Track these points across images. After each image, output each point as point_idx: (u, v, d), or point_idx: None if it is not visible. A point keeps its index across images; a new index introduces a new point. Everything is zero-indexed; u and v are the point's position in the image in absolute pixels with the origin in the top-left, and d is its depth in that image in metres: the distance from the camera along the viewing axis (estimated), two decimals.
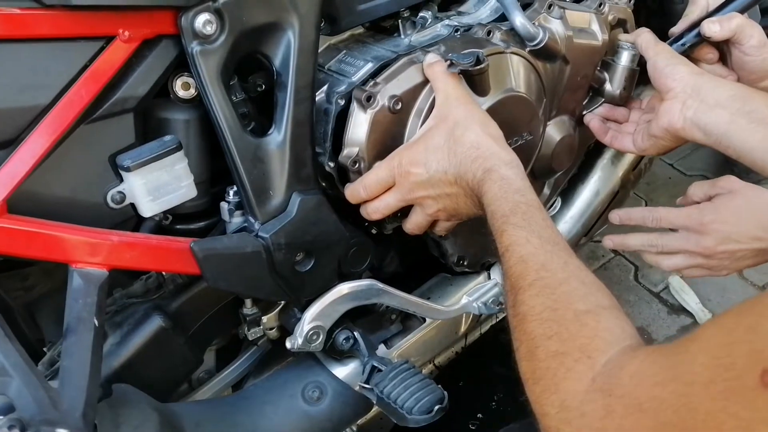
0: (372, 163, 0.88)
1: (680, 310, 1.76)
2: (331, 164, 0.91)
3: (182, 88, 0.84)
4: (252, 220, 0.87)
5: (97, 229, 0.76)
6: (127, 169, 0.77)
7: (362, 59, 0.92)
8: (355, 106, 0.86)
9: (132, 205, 0.81)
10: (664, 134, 0.96)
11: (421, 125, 0.89)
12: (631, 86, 1.07)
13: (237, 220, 0.89)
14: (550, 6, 0.97)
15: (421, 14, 0.96)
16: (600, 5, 1.03)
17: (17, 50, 0.70)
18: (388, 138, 0.89)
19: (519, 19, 0.93)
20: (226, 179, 0.89)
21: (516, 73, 0.94)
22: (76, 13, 0.72)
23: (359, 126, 0.87)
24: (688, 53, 1.05)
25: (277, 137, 0.85)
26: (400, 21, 0.96)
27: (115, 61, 0.76)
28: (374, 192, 0.88)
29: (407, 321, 1.10)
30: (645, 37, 1.00)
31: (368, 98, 0.85)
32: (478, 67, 0.84)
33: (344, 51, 0.95)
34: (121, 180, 0.80)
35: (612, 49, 1.05)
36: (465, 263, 1.07)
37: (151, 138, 0.83)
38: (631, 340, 0.59)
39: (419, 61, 0.89)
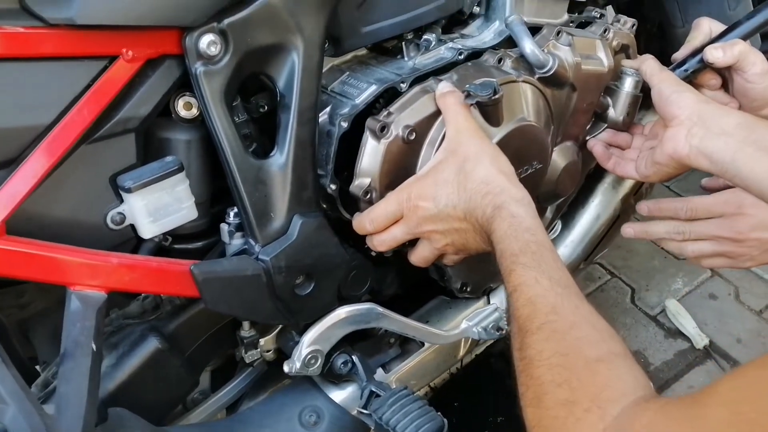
0: (384, 193, 0.87)
1: (677, 334, 1.75)
2: (333, 186, 0.91)
3: (184, 108, 0.83)
4: (252, 242, 0.86)
5: (97, 251, 0.75)
6: (128, 190, 0.76)
7: (365, 81, 0.92)
8: (368, 135, 0.85)
9: (132, 226, 0.80)
10: (669, 161, 0.95)
11: (434, 156, 0.88)
12: (634, 112, 1.07)
13: (237, 241, 0.88)
14: (558, 33, 0.97)
15: (425, 37, 0.96)
16: (605, 31, 1.03)
17: (20, 69, 0.70)
18: (401, 168, 0.88)
19: (529, 46, 0.93)
20: (226, 199, 0.89)
21: (527, 102, 0.93)
22: (79, 32, 0.71)
23: (372, 156, 0.86)
24: (691, 79, 1.05)
25: (280, 159, 0.85)
26: (403, 43, 0.96)
27: (118, 81, 0.75)
28: (381, 225, 0.87)
29: (406, 344, 1.09)
30: (649, 64, 1.00)
31: (382, 128, 0.84)
32: (494, 98, 0.84)
33: (347, 72, 0.94)
34: (122, 201, 0.79)
35: (615, 74, 1.05)
36: (467, 290, 1.06)
37: (152, 158, 0.82)
38: (644, 390, 0.57)
39: (432, 90, 0.88)
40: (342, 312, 0.94)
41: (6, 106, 0.69)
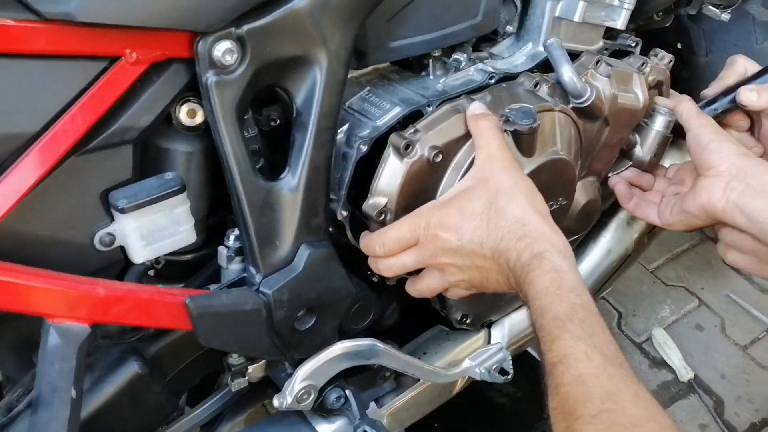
0: (399, 215, 0.79)
1: (662, 364, 1.72)
2: (345, 213, 0.83)
3: (187, 115, 0.74)
4: (253, 270, 0.78)
5: (81, 279, 0.66)
6: (121, 211, 0.68)
7: (388, 101, 0.84)
8: (390, 152, 0.77)
9: (121, 247, 0.71)
10: (700, 212, 0.90)
11: (459, 182, 0.80)
12: (662, 153, 1.01)
13: (235, 267, 0.80)
14: (597, 62, 0.90)
15: (454, 56, 0.88)
16: (643, 64, 0.96)
17: (8, 67, 0.60)
18: (421, 191, 0.80)
19: (568, 74, 0.85)
20: (223, 209, 0.81)
21: (561, 134, 0.86)
22: (78, 29, 0.62)
23: (392, 175, 0.78)
24: (720, 119, 1.00)
25: (291, 182, 0.77)
26: (431, 60, 0.88)
27: (118, 86, 0.66)
28: (392, 251, 0.79)
29: (401, 377, 1.02)
30: (687, 106, 0.94)
31: (407, 146, 0.76)
32: (534, 127, 0.77)
33: (368, 88, 0.86)
34: (112, 219, 0.70)
35: (647, 111, 0.99)
36: (467, 321, 0.99)
37: (148, 170, 0.73)
38: None
39: (463, 109, 0.81)
40: (341, 347, 0.87)
41: None
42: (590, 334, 0.63)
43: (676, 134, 1.01)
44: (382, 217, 0.79)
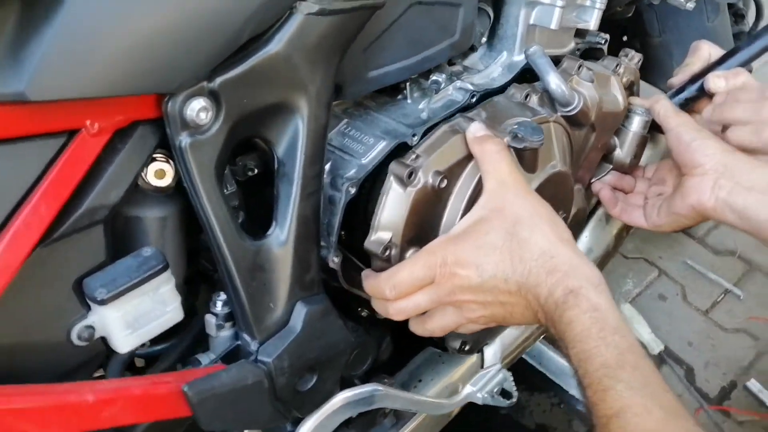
0: (405, 248, 0.74)
1: None
2: (336, 260, 0.77)
3: (156, 176, 0.66)
4: (247, 338, 0.71)
5: (64, 387, 0.58)
6: (101, 302, 0.60)
7: (371, 134, 0.78)
8: (392, 182, 0.72)
9: (103, 337, 0.63)
10: (689, 212, 0.89)
11: (464, 208, 0.74)
12: (641, 154, 0.99)
13: (225, 334, 0.73)
14: (579, 67, 0.86)
15: (433, 78, 0.83)
16: (617, 66, 0.94)
17: None
18: (426, 221, 0.75)
19: (555, 82, 0.81)
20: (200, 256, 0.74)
21: (558, 145, 0.83)
22: (31, 107, 0.53)
23: (396, 207, 0.72)
24: (689, 107, 0.99)
25: (279, 237, 0.70)
26: (407, 84, 0.82)
27: (81, 162, 0.58)
28: (405, 293, 0.72)
29: (399, 411, 0.98)
30: (663, 105, 0.92)
31: (410, 174, 0.71)
32: (542, 142, 0.73)
33: (345, 120, 0.80)
34: (89, 309, 0.62)
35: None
36: (467, 349, 0.95)
37: (117, 242, 0.65)
38: None
39: (461, 129, 0.75)
40: (342, 398, 0.82)
41: None
42: (645, 384, 0.59)
43: (652, 131, 0.99)
44: (387, 253, 0.73)
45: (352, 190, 0.74)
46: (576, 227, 0.97)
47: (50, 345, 0.61)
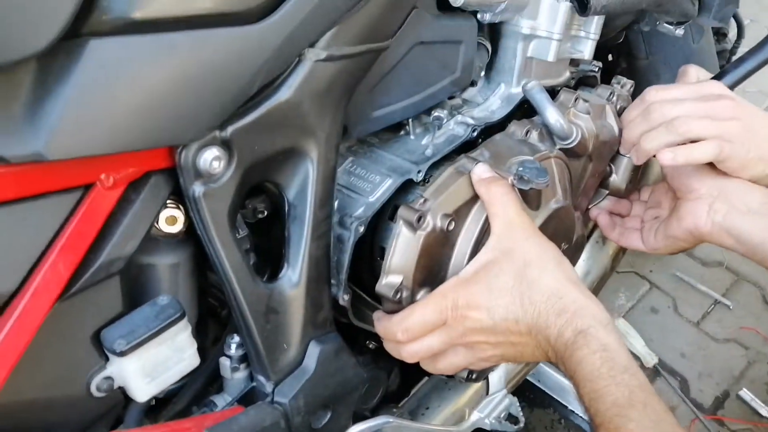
0: (416, 290, 0.74)
1: None
2: (347, 297, 0.78)
3: (167, 222, 0.67)
4: (263, 379, 0.72)
5: None
6: (121, 354, 0.60)
7: (376, 171, 0.79)
8: (401, 227, 0.72)
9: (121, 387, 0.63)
10: (686, 236, 0.90)
11: (473, 248, 0.75)
12: (636, 178, 1.01)
13: (240, 375, 0.73)
14: (576, 99, 0.88)
15: (435, 114, 0.84)
16: (611, 94, 0.95)
17: None
18: (435, 262, 0.75)
19: (554, 116, 0.82)
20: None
21: (560, 180, 0.84)
22: (47, 165, 0.53)
23: (406, 251, 0.72)
24: None
25: (292, 279, 0.71)
26: (410, 120, 0.84)
27: (97, 216, 0.58)
28: (417, 336, 0.73)
29: None
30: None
31: (419, 219, 0.71)
32: (547, 182, 0.74)
33: (350, 158, 0.81)
34: (107, 360, 0.62)
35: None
36: (474, 377, 0.96)
37: (131, 290, 0.66)
38: None
39: (466, 170, 0.76)
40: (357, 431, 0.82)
41: None
42: (656, 421, 0.60)
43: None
44: (398, 296, 0.73)
45: (361, 229, 0.75)
46: (576, 253, 0.99)
47: (70, 398, 0.61)
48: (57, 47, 0.49)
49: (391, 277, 0.73)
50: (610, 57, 1.47)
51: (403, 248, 0.72)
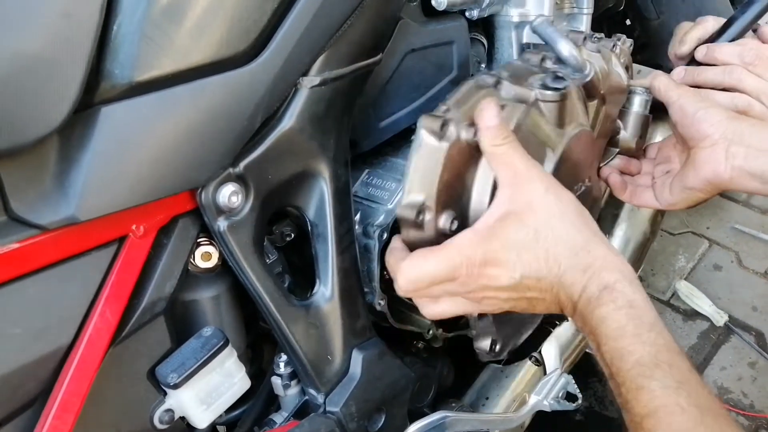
0: (439, 213, 0.65)
1: (694, 315, 1.73)
2: (382, 302, 0.81)
3: (203, 259, 0.72)
4: (313, 392, 0.76)
5: None
6: (174, 387, 0.65)
7: (392, 179, 0.82)
8: (422, 137, 0.64)
9: (182, 417, 0.69)
10: (705, 186, 0.86)
11: (493, 185, 0.67)
12: (646, 134, 0.96)
13: (293, 391, 0.78)
14: (584, 39, 0.84)
15: None
16: (614, 46, 0.90)
17: (22, 290, 0.57)
18: (459, 182, 0.67)
19: (567, 48, 0.78)
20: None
21: (580, 105, 0.80)
22: (81, 226, 0.59)
23: (429, 164, 0.64)
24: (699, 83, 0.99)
25: (325, 293, 0.75)
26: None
27: (134, 264, 0.64)
28: (419, 289, 0.65)
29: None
30: (662, 80, 0.89)
31: (442, 126, 0.63)
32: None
33: (366, 170, 0.85)
34: (165, 394, 0.67)
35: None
36: (497, 348, 0.83)
37: (178, 326, 0.71)
38: None
39: (486, 84, 0.71)
40: (413, 430, 0.85)
41: (17, 340, 0.57)
42: (680, 381, 0.58)
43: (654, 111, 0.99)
44: (420, 218, 0.65)
45: (385, 236, 0.78)
46: (594, 203, 0.92)
47: None
48: (73, 120, 0.55)
49: (412, 197, 0.64)
50: (627, 21, 1.46)
51: (425, 161, 0.64)
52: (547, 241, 0.64)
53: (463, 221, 0.68)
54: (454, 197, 0.67)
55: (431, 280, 0.64)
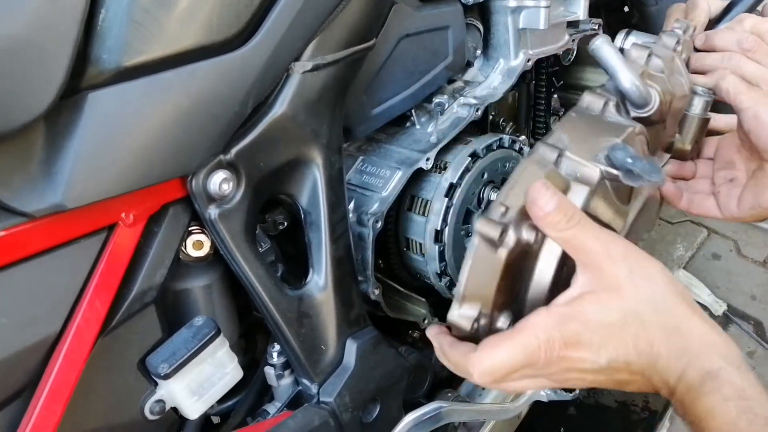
0: (495, 317, 0.60)
1: None
2: (377, 291, 0.80)
3: (194, 248, 0.71)
4: (307, 382, 0.75)
5: None
6: (165, 377, 0.64)
7: (386, 166, 0.81)
8: (477, 245, 0.57)
9: (173, 407, 0.68)
10: None
11: (556, 269, 0.60)
12: (702, 138, 0.87)
13: (286, 381, 0.77)
14: (649, 56, 0.74)
15: (436, 100, 0.85)
16: (677, 43, 0.81)
17: (9, 279, 0.56)
18: (517, 281, 0.61)
19: (630, 80, 0.68)
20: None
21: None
22: (69, 214, 0.58)
23: (485, 273, 0.58)
24: None
25: (319, 283, 0.74)
26: (413, 110, 0.85)
27: (123, 253, 0.63)
28: (498, 380, 0.59)
29: (469, 422, 1.00)
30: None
31: (502, 233, 0.57)
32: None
33: (360, 158, 0.84)
34: (156, 384, 0.67)
35: None
36: None
37: (170, 316, 0.70)
38: None
39: (547, 161, 0.61)
40: (409, 420, 0.84)
41: (2, 331, 0.56)
42: None
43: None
44: (476, 326, 0.59)
45: (379, 224, 0.77)
46: (646, 229, 0.89)
47: (128, 424, 0.65)
48: (59, 106, 0.54)
49: (467, 307, 0.59)
50: (626, 8, 1.44)
51: (481, 270, 0.58)
52: (635, 325, 0.57)
53: (520, 311, 0.61)
54: (511, 296, 0.61)
55: (509, 369, 0.58)
